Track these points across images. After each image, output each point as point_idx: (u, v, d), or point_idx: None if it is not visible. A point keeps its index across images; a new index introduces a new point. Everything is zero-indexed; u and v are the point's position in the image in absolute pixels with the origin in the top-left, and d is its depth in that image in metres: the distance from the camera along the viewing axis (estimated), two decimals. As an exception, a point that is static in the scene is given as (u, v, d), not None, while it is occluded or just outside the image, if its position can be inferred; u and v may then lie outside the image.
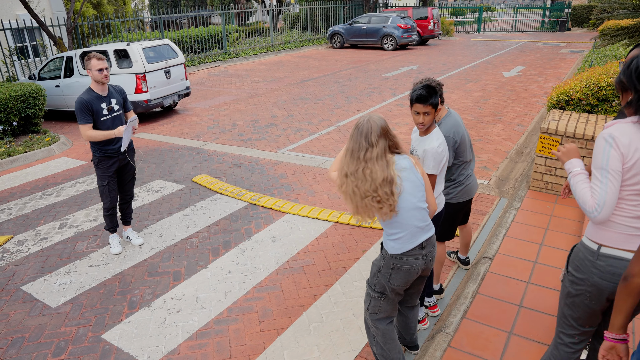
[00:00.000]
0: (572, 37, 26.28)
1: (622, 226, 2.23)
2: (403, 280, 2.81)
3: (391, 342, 3.05)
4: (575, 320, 2.48)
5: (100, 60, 4.59)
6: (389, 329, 3.02)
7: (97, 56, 4.60)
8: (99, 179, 4.96)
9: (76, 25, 15.43)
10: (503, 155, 7.55)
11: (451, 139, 3.54)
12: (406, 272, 2.79)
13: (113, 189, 5.00)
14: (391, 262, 2.78)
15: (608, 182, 2.16)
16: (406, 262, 2.76)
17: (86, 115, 4.62)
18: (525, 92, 12.30)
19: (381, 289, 2.88)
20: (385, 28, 22.73)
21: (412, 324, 3.35)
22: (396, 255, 2.77)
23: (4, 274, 4.84)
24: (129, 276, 4.70)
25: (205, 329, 3.89)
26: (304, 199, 6.29)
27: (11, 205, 6.52)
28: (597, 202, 2.18)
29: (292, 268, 4.71)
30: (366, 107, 11.19)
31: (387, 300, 2.91)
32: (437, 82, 3.55)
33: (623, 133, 2.14)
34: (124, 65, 10.22)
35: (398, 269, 2.78)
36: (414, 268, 2.79)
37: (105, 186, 4.95)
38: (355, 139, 2.62)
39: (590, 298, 2.37)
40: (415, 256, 2.78)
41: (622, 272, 2.23)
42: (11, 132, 9.36)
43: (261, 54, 22.10)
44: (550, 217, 5.30)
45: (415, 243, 2.76)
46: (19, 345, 3.78)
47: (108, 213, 5.09)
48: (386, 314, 2.98)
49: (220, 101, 12.67)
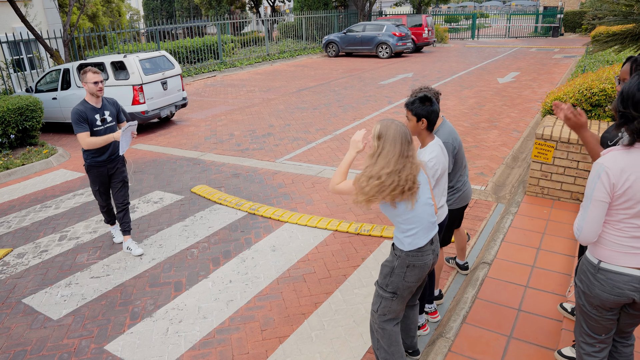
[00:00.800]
0: (565, 42, 26.52)
1: (619, 245, 2.35)
2: (417, 276, 2.93)
3: (396, 345, 3.10)
4: (590, 329, 2.57)
5: (96, 74, 4.84)
6: (394, 331, 3.08)
7: (93, 70, 4.85)
8: (91, 183, 5.33)
9: (72, 38, 15.49)
10: (499, 161, 7.62)
11: (450, 145, 3.59)
12: (420, 269, 2.91)
13: (103, 192, 5.39)
14: (407, 260, 2.89)
15: (589, 211, 2.34)
16: (420, 258, 2.89)
17: (83, 123, 4.85)
18: (520, 97, 12.41)
19: (394, 289, 2.96)
20: (379, 36, 22.88)
21: (412, 326, 3.40)
22: (412, 252, 2.87)
23: (4, 287, 4.85)
24: (130, 287, 4.73)
25: (207, 338, 3.92)
26: (302, 207, 6.33)
27: (10, 218, 6.54)
28: (576, 227, 2.40)
29: (292, 277, 4.75)
30: (362, 116, 11.26)
31: (399, 300, 2.99)
32: (435, 90, 3.61)
33: (615, 162, 2.26)
34: (120, 77, 10.27)
35: (413, 267, 2.89)
36: (427, 263, 2.92)
37: (97, 190, 5.35)
38: (401, 141, 2.70)
39: (596, 308, 2.46)
40: (427, 252, 2.91)
41: (622, 285, 2.34)
42: (9, 144, 9.38)
43: (257, 64, 22.21)
44: (547, 222, 5.35)
45: (428, 238, 2.90)
46: (21, 358, 3.79)
47: (104, 210, 5.56)
48: (394, 314, 3.05)
49: (217, 111, 12.73)
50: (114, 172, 5.28)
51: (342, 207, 6.25)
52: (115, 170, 5.28)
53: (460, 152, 3.73)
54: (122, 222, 5.42)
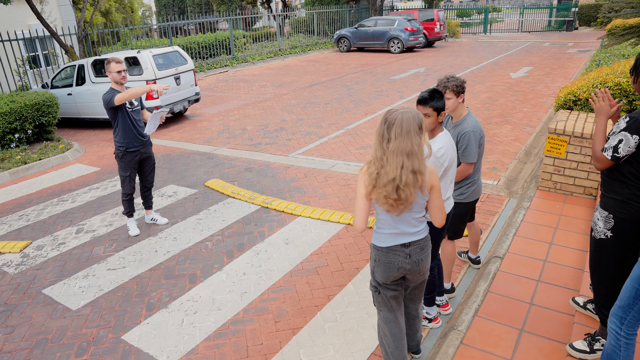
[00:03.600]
0: (579, 36, 26.24)
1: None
2: (385, 274, 2.89)
3: (398, 341, 3.10)
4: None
5: (119, 64, 5.29)
6: (394, 327, 3.08)
7: (116, 60, 5.29)
8: (121, 170, 5.60)
9: (86, 34, 15.65)
10: (512, 156, 7.61)
11: (477, 134, 3.72)
12: (386, 266, 2.86)
13: (133, 179, 5.69)
14: (373, 253, 2.93)
15: None
16: (386, 255, 2.86)
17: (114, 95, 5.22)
18: (532, 92, 12.34)
19: (375, 283, 3.02)
20: (391, 31, 22.82)
21: (412, 334, 3.36)
22: (378, 247, 2.88)
23: (25, 277, 4.97)
24: (145, 279, 4.81)
25: (222, 329, 3.99)
26: (315, 201, 6.38)
27: (29, 211, 6.66)
28: None
29: (305, 269, 4.80)
30: (374, 110, 11.28)
31: (382, 295, 3.02)
32: (461, 79, 3.68)
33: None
34: (134, 72, 10.38)
35: (379, 262, 2.89)
36: (394, 264, 2.85)
37: (127, 176, 5.63)
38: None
39: None
40: (397, 252, 2.84)
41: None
42: (26, 140, 9.53)
43: (268, 59, 22.26)
44: (560, 217, 5.35)
45: (399, 242, 2.84)
46: (43, 346, 3.89)
47: (127, 199, 5.73)
48: (387, 310, 3.06)
49: (230, 106, 12.81)
50: (147, 156, 5.71)
51: (354, 201, 6.29)
52: (148, 155, 5.72)
53: (483, 141, 3.82)
54: (146, 199, 5.95)
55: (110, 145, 9.82)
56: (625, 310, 2.57)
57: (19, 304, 4.52)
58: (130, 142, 5.47)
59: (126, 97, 5.13)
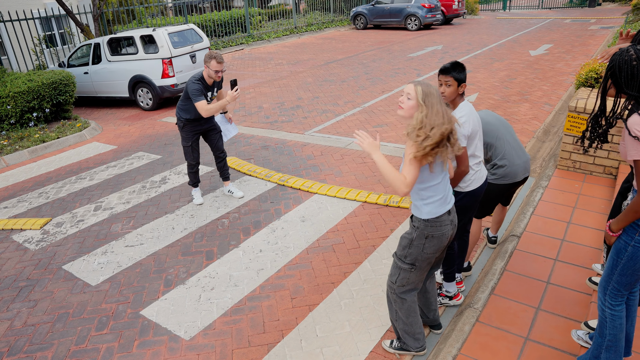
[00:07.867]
0: (602, 12, 25.57)
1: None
2: (436, 247, 2.95)
3: (414, 315, 3.17)
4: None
5: (220, 64, 5.19)
6: (413, 302, 3.14)
7: (218, 59, 5.16)
8: (184, 140, 5.69)
9: (102, 12, 15.64)
10: (530, 135, 7.50)
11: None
12: (439, 239, 2.93)
13: (195, 148, 5.75)
14: (425, 231, 2.91)
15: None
16: (439, 228, 2.90)
17: (200, 95, 5.22)
18: (552, 70, 12.10)
19: (412, 261, 2.99)
20: (408, 8, 22.44)
21: (432, 299, 3.44)
22: (430, 221, 2.88)
23: (45, 254, 5.06)
24: (163, 256, 4.87)
25: (239, 305, 4.03)
26: (331, 179, 6.37)
27: (48, 189, 6.76)
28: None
29: (321, 247, 4.82)
30: (391, 88, 11.16)
31: (417, 271, 3.03)
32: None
33: None
34: (150, 50, 10.38)
35: (432, 237, 2.91)
36: (445, 234, 2.94)
37: (189, 146, 5.69)
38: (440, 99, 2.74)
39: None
40: (445, 222, 2.92)
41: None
42: (44, 118, 9.63)
43: (284, 37, 22.09)
44: (579, 196, 5.28)
45: (446, 209, 2.92)
46: (65, 320, 3.98)
47: (192, 170, 5.87)
48: (413, 285, 3.11)
49: (246, 84, 12.77)
50: (210, 127, 5.79)
51: (371, 179, 6.27)
52: (211, 126, 5.80)
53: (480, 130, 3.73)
54: (222, 170, 6.01)
55: (127, 123, 9.88)
56: (607, 280, 2.66)
57: (40, 279, 4.62)
58: (197, 117, 5.57)
59: (208, 113, 5.20)
